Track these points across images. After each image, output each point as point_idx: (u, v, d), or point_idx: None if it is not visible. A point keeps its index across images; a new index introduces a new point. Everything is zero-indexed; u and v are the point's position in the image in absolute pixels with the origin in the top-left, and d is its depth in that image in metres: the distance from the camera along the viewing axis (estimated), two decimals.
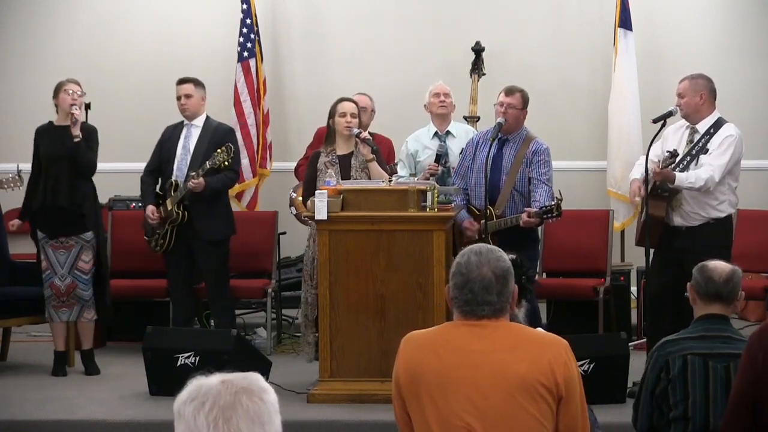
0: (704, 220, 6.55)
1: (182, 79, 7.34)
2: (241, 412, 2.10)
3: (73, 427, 5.91)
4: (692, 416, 4.14)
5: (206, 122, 7.31)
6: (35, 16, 9.24)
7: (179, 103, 7.28)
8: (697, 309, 4.28)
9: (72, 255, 6.88)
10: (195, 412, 2.10)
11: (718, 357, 4.16)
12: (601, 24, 8.86)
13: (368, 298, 6.14)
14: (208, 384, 2.13)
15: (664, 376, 4.20)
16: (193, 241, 7.16)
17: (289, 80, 9.22)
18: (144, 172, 7.35)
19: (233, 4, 8.91)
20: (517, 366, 3.10)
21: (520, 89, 6.77)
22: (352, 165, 6.72)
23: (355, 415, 5.90)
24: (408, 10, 9.14)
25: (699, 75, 6.66)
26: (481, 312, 3.16)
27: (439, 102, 7.22)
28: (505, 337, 3.17)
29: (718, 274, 4.23)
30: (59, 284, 6.87)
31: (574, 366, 3.17)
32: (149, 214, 7.16)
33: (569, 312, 7.68)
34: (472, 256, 3.18)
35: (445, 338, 3.21)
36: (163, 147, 7.30)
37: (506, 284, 3.17)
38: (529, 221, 6.45)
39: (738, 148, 6.53)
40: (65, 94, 6.88)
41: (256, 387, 2.13)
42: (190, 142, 7.23)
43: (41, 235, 6.91)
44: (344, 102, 6.77)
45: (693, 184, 6.38)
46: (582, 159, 8.95)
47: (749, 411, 3.72)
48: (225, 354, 6.19)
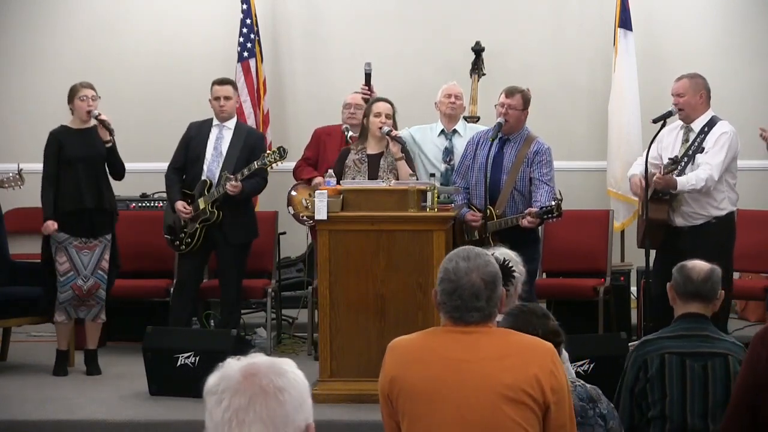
0: (706, 219, 6.56)
1: (222, 80, 7.34)
2: (254, 416, 2.11)
3: (73, 427, 5.91)
4: (670, 415, 4.17)
5: (237, 125, 7.34)
6: (35, 16, 9.24)
7: (217, 104, 7.25)
8: (677, 308, 4.32)
9: (96, 255, 6.90)
10: (213, 406, 2.14)
11: (696, 356, 4.18)
12: (601, 24, 8.86)
13: (368, 298, 6.14)
14: (230, 377, 2.15)
15: (642, 376, 4.23)
16: (217, 243, 7.16)
17: (289, 80, 9.22)
18: (169, 169, 7.33)
19: (233, 4, 8.91)
20: (503, 375, 3.07)
21: (520, 90, 6.77)
22: (380, 165, 6.76)
23: (355, 415, 5.90)
24: (408, 10, 9.14)
25: (696, 74, 6.69)
26: (470, 318, 3.14)
27: (450, 103, 7.22)
28: (492, 345, 3.14)
29: (697, 273, 4.27)
30: (82, 284, 6.88)
31: (561, 373, 3.14)
32: (181, 209, 7.13)
33: (569, 312, 7.66)
34: (460, 262, 3.15)
35: (431, 346, 3.18)
36: (190, 144, 7.28)
37: (495, 290, 3.15)
38: (531, 220, 6.45)
39: (734, 145, 6.56)
40: (80, 101, 6.90)
41: (272, 388, 2.13)
42: (222, 144, 7.23)
43: (63, 237, 6.87)
44: (380, 102, 6.85)
45: (695, 186, 6.39)
46: (582, 159, 8.95)
47: (750, 411, 3.73)
48: (225, 354, 6.18)
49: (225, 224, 7.12)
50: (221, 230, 7.13)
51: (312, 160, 7.61)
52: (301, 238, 8.26)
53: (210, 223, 7.11)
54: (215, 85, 7.31)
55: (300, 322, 8.21)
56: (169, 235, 7.27)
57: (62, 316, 6.91)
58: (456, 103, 7.26)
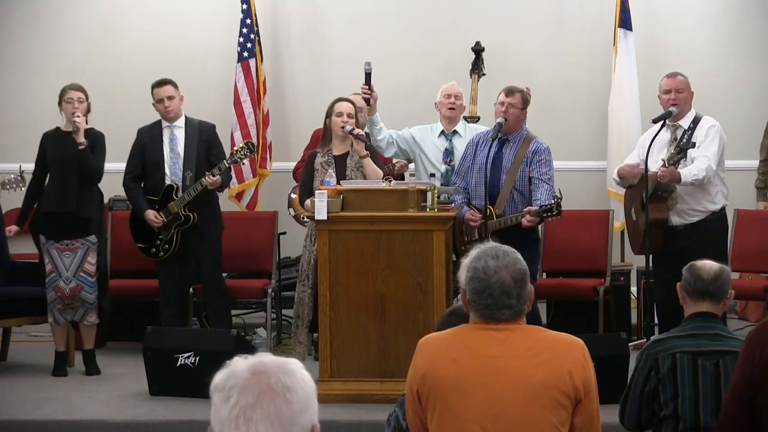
0: (702, 216, 6.59)
1: (160, 82, 7.27)
2: (261, 414, 2.11)
3: (73, 427, 5.91)
4: (682, 414, 4.17)
5: (187, 122, 7.29)
6: (36, 17, 9.24)
7: (162, 106, 7.21)
8: (687, 308, 4.33)
9: (78, 257, 6.87)
10: (221, 403, 2.13)
11: (707, 355, 4.18)
12: (601, 24, 8.86)
13: (368, 298, 6.14)
14: (238, 375, 2.15)
15: (653, 375, 4.23)
16: (193, 243, 7.17)
17: (289, 80, 9.22)
18: (127, 178, 7.29)
19: (233, 4, 8.91)
20: (535, 372, 3.11)
21: (520, 89, 6.77)
22: (347, 165, 6.75)
23: (355, 415, 5.90)
24: (408, 10, 9.15)
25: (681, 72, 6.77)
26: (501, 316, 3.18)
27: (449, 103, 7.22)
28: (523, 342, 3.17)
29: (707, 272, 4.27)
30: (64, 287, 6.86)
31: (590, 367, 3.20)
32: (153, 218, 7.13)
33: (569, 312, 7.67)
34: (489, 261, 3.19)
35: (463, 343, 3.20)
36: (146, 150, 7.25)
37: (524, 287, 3.20)
38: (530, 219, 6.45)
39: (722, 137, 6.64)
40: (67, 103, 6.89)
41: (280, 387, 2.13)
42: (177, 143, 7.21)
43: (44, 239, 6.89)
44: (341, 102, 6.80)
45: (697, 177, 6.42)
46: (582, 159, 8.95)
47: (746, 407, 3.74)
48: (225, 354, 6.19)
49: (199, 223, 7.15)
50: (197, 229, 7.15)
51: None
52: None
53: (186, 226, 7.13)
54: (155, 88, 7.26)
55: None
56: (142, 243, 7.27)
57: (51, 318, 6.92)
58: (456, 103, 7.26)
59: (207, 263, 7.24)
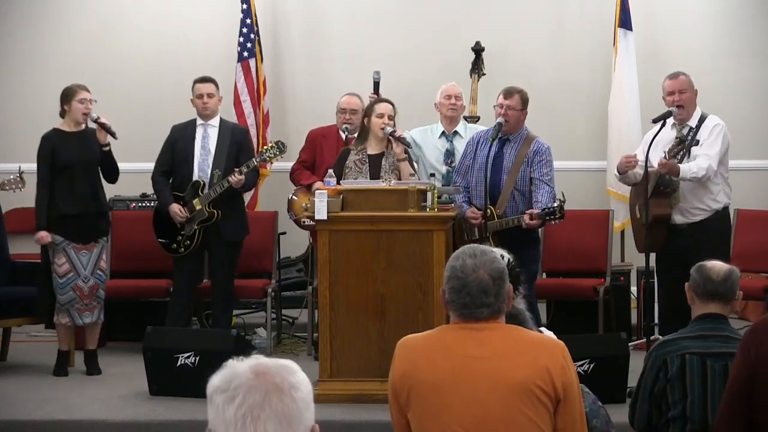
0: (705, 215, 6.58)
1: (204, 78, 7.31)
2: (270, 412, 2.10)
3: (73, 427, 5.91)
4: (691, 415, 4.16)
5: (222, 122, 7.32)
6: (36, 17, 9.24)
7: (200, 102, 7.23)
8: (695, 308, 4.30)
9: (94, 255, 6.90)
10: (225, 404, 2.11)
11: (716, 356, 4.17)
12: (601, 24, 8.86)
13: (368, 298, 6.14)
14: (241, 375, 2.14)
15: (662, 376, 4.21)
16: (212, 242, 7.16)
17: (290, 80, 9.22)
18: (156, 172, 7.30)
19: (233, 4, 8.91)
20: (514, 372, 3.09)
21: (518, 90, 6.76)
22: (382, 165, 6.77)
23: (355, 415, 5.90)
24: (408, 10, 9.15)
25: (682, 72, 6.75)
26: (479, 314, 3.16)
27: (450, 104, 7.23)
28: (502, 342, 3.16)
29: (716, 273, 4.25)
30: (83, 285, 6.86)
31: (571, 369, 3.17)
32: (177, 212, 7.12)
33: (569, 312, 7.68)
34: (467, 260, 3.17)
35: (442, 343, 3.19)
36: (176, 147, 7.26)
37: (503, 285, 3.17)
38: (531, 223, 6.44)
39: (726, 136, 6.63)
40: (79, 103, 6.87)
41: (286, 385, 2.13)
42: (209, 142, 7.22)
43: (60, 239, 6.84)
44: (382, 103, 6.85)
45: (695, 174, 6.42)
46: (582, 159, 8.95)
47: (743, 406, 3.74)
48: (225, 354, 6.18)
49: (220, 223, 7.13)
50: (217, 229, 7.13)
51: (308, 163, 7.59)
52: (301, 238, 8.26)
53: (209, 223, 7.11)
54: (197, 83, 7.28)
55: (300, 322, 8.21)
56: (163, 238, 7.26)
57: (65, 318, 6.89)
58: (456, 103, 7.26)
59: (218, 264, 7.23)
